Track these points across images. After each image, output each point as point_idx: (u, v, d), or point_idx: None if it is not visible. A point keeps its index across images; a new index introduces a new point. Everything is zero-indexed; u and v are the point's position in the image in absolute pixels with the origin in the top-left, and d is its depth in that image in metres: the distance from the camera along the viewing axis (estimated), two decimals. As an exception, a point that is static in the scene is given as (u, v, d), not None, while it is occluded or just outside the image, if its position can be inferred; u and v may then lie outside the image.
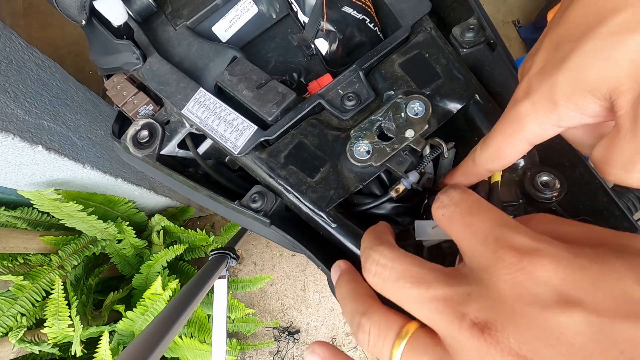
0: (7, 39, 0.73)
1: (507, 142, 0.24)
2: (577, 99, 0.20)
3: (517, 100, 0.23)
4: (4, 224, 0.94)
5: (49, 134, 0.80)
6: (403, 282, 0.19)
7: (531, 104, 0.22)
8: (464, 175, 0.29)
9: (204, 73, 0.40)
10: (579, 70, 0.19)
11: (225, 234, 1.36)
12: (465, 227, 0.20)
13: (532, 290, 0.15)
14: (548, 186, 0.31)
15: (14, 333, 0.84)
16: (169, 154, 0.41)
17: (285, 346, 1.42)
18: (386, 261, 0.20)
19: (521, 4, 1.60)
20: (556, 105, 0.21)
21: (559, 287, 0.15)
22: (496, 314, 0.16)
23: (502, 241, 0.17)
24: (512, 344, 0.15)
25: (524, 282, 0.16)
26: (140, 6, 0.40)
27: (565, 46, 0.20)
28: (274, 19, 0.46)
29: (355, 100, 0.36)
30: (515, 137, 0.23)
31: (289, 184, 0.35)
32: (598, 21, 0.18)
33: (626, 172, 0.20)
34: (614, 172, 0.20)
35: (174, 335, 0.51)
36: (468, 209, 0.20)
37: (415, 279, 0.19)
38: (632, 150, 0.19)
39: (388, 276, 0.20)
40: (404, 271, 0.19)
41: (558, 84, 0.20)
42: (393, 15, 0.39)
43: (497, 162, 0.25)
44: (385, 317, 0.20)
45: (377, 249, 0.21)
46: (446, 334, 0.17)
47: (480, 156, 0.26)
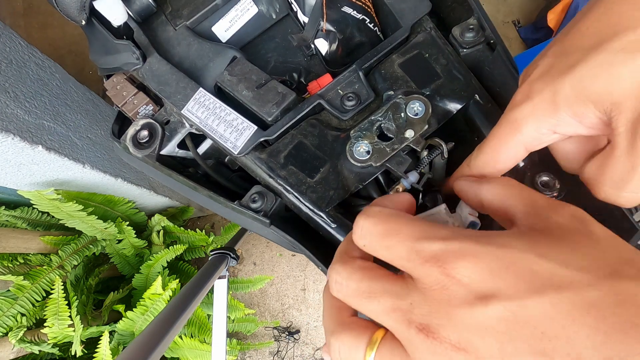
0: (7, 39, 0.73)
1: (503, 146, 0.24)
2: (578, 107, 0.20)
3: (515, 104, 0.23)
4: (4, 223, 0.94)
5: (49, 134, 0.80)
6: (359, 298, 0.20)
7: (531, 106, 0.22)
8: None
9: (204, 73, 0.40)
10: (585, 79, 0.20)
11: (225, 234, 1.36)
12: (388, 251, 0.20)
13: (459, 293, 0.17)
14: (548, 186, 0.31)
15: (14, 333, 0.84)
16: (168, 154, 0.41)
17: (285, 346, 1.42)
18: (341, 279, 0.21)
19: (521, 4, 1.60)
20: (557, 108, 0.21)
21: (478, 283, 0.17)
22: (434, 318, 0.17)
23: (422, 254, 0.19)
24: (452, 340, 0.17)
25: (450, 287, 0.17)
26: (140, 6, 0.40)
27: (574, 54, 0.20)
28: (273, 19, 0.46)
29: (355, 101, 0.36)
30: (512, 140, 0.23)
31: (288, 184, 0.35)
32: (611, 35, 0.19)
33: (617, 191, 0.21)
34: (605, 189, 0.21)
35: (174, 335, 0.51)
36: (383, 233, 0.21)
37: (367, 294, 0.20)
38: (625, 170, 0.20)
39: (346, 293, 0.21)
40: (356, 288, 0.20)
41: (562, 88, 0.20)
42: (393, 15, 0.39)
43: (491, 167, 0.25)
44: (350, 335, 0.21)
45: (334, 267, 0.22)
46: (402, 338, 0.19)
47: (476, 161, 0.26)
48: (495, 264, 0.17)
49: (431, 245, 0.19)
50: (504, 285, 0.16)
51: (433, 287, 0.18)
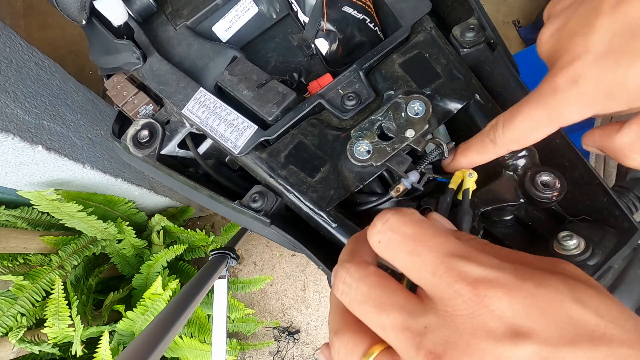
0: (7, 39, 0.73)
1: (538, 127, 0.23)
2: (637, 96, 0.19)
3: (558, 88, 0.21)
4: (4, 223, 0.94)
5: (49, 134, 0.80)
6: (366, 306, 0.19)
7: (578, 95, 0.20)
8: (480, 154, 0.28)
9: (204, 73, 0.40)
10: None
11: (225, 234, 1.36)
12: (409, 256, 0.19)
13: (488, 324, 0.16)
14: (548, 186, 0.31)
15: (14, 333, 0.84)
16: (169, 154, 0.41)
17: (285, 346, 1.42)
18: (352, 281, 0.19)
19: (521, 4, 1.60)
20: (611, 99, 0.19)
21: (511, 319, 0.15)
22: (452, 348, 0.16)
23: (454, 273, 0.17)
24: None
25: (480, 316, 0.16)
26: (141, 6, 0.40)
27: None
28: (274, 19, 0.46)
29: (356, 100, 0.36)
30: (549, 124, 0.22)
31: (289, 184, 0.35)
32: None
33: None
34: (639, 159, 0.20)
35: (174, 335, 0.51)
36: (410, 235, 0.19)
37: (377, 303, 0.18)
38: None
39: (353, 297, 0.19)
40: (367, 294, 0.19)
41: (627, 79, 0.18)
42: (393, 15, 0.39)
43: (521, 145, 0.24)
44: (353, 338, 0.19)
45: (345, 266, 0.20)
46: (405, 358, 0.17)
47: (503, 137, 0.25)
48: (531, 302, 0.16)
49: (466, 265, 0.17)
50: (539, 327, 0.15)
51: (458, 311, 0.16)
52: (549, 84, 0.22)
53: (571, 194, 0.32)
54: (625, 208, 0.32)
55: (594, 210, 0.33)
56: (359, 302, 0.19)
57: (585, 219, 0.33)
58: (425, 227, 0.19)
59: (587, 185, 0.33)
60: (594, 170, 0.33)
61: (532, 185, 0.31)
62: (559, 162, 0.34)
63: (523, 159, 0.32)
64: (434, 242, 0.18)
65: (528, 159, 0.32)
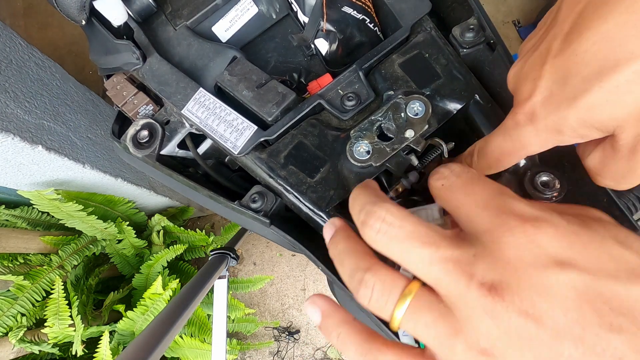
0: (7, 39, 0.73)
1: (506, 156, 0.26)
2: (583, 132, 0.21)
3: (519, 124, 0.24)
4: (4, 223, 0.94)
5: (49, 134, 0.80)
6: (412, 242, 0.19)
7: (535, 131, 0.23)
8: None
9: (204, 73, 0.40)
10: (590, 110, 0.20)
11: (225, 234, 1.36)
12: (465, 195, 0.20)
13: (533, 252, 0.17)
14: (548, 186, 0.31)
15: (14, 333, 0.84)
16: (169, 154, 0.41)
17: (285, 346, 1.42)
18: (393, 219, 0.20)
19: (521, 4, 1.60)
20: (561, 134, 0.22)
21: (556, 250, 0.17)
22: (501, 275, 0.17)
23: (504, 207, 0.19)
24: (516, 301, 0.16)
25: (526, 245, 0.17)
26: (140, 6, 0.40)
27: (575, 83, 0.21)
28: (274, 19, 0.46)
29: (355, 101, 0.36)
30: (516, 154, 0.25)
31: (288, 184, 0.35)
32: (613, 66, 0.19)
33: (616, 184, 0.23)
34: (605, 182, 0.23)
35: (174, 335, 0.51)
36: (469, 180, 0.21)
37: (424, 239, 0.19)
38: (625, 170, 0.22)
39: (395, 235, 0.19)
40: (412, 231, 0.19)
41: (567, 119, 0.21)
42: (393, 15, 0.39)
43: (494, 171, 0.27)
44: (390, 275, 0.20)
45: (383, 205, 0.20)
46: (453, 293, 0.18)
47: (478, 164, 0.28)
48: (576, 239, 0.17)
49: (515, 203, 0.19)
50: (583, 260, 0.17)
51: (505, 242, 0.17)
52: (512, 119, 0.24)
53: (571, 194, 0.32)
54: (625, 208, 0.32)
55: (594, 210, 0.33)
56: (403, 239, 0.19)
57: (585, 219, 0.33)
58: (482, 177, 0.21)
59: (587, 186, 0.33)
60: (593, 171, 0.33)
61: (532, 186, 0.31)
62: (559, 162, 0.34)
63: (523, 160, 0.32)
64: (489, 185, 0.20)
65: (528, 159, 0.32)
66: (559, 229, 0.17)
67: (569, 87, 0.21)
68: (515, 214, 0.18)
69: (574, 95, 0.21)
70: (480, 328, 0.17)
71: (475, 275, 0.17)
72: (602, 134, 0.21)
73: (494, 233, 0.18)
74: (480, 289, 0.17)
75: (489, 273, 0.17)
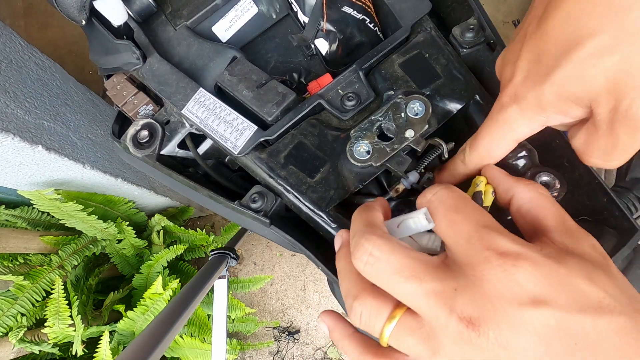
0: (7, 39, 0.73)
1: (496, 143, 0.26)
2: (562, 106, 0.22)
3: (504, 105, 0.25)
4: (4, 223, 0.94)
5: (49, 134, 0.80)
6: (397, 277, 0.20)
7: (519, 109, 0.24)
8: (452, 175, 0.30)
9: (204, 73, 0.40)
10: (563, 84, 0.22)
11: (225, 234, 1.36)
12: (450, 223, 0.21)
13: (512, 290, 0.18)
14: (548, 186, 0.31)
15: (14, 333, 0.84)
16: (169, 154, 0.41)
17: (285, 346, 1.42)
18: (380, 253, 0.21)
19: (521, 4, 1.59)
20: (544, 110, 0.23)
21: (533, 288, 0.18)
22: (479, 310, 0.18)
23: (486, 242, 0.19)
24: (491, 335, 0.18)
25: (506, 282, 0.18)
26: (140, 6, 0.40)
27: (547, 61, 0.22)
28: (274, 19, 0.46)
29: (355, 101, 0.36)
30: (505, 138, 0.26)
31: (289, 184, 0.35)
32: (576, 43, 0.20)
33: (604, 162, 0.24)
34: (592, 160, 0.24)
35: (174, 335, 0.51)
36: (453, 206, 0.22)
37: (409, 273, 0.20)
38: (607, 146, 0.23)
39: (382, 269, 0.21)
40: (398, 266, 0.20)
41: (544, 94, 0.22)
42: (393, 15, 0.39)
43: (486, 162, 0.28)
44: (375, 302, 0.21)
45: (370, 238, 0.21)
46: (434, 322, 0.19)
47: (471, 157, 0.28)
48: (552, 276, 0.18)
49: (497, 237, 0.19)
50: (556, 297, 0.18)
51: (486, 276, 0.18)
52: (498, 103, 0.26)
53: (571, 194, 0.32)
54: (625, 208, 0.32)
55: (594, 210, 0.33)
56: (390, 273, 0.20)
57: (585, 219, 0.33)
58: (467, 202, 0.22)
59: (586, 186, 0.33)
60: (593, 171, 0.33)
61: (532, 186, 0.31)
62: (559, 162, 0.34)
63: (523, 160, 0.32)
64: (472, 214, 0.21)
65: (528, 159, 0.32)
66: (537, 266, 0.18)
67: (542, 64, 0.22)
68: (497, 251, 0.19)
69: (547, 71, 0.22)
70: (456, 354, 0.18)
71: (455, 309, 0.18)
72: (581, 108, 0.22)
73: (476, 268, 0.19)
74: (459, 322, 0.18)
75: (468, 307, 0.18)
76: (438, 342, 0.19)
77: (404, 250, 0.21)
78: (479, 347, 0.18)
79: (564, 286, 0.18)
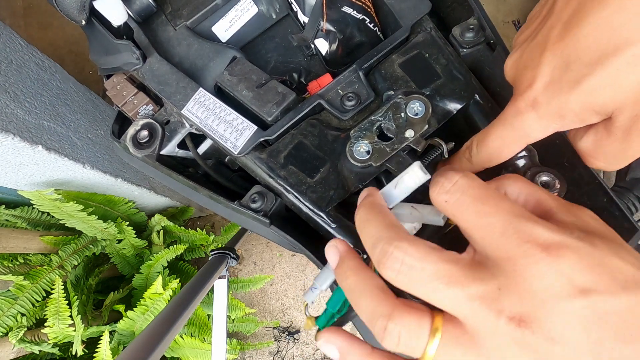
0: (7, 39, 0.73)
1: (507, 145, 0.26)
2: (584, 116, 0.22)
3: (520, 111, 0.24)
4: (4, 223, 0.94)
5: (49, 134, 0.80)
6: (435, 284, 0.19)
7: (537, 117, 0.23)
8: None
9: (204, 73, 0.40)
10: (591, 94, 0.21)
11: (225, 234, 1.36)
12: (477, 216, 0.19)
13: (559, 282, 0.17)
14: (548, 186, 0.31)
15: (14, 333, 0.84)
16: (168, 154, 0.41)
17: (285, 346, 1.42)
18: (412, 260, 0.19)
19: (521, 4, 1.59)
20: (563, 119, 0.22)
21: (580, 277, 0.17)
22: (529, 307, 0.17)
23: (523, 234, 0.18)
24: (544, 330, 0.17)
25: (552, 275, 0.17)
26: (140, 6, 0.40)
27: (577, 68, 0.21)
28: (273, 19, 0.46)
29: (355, 101, 0.36)
30: (517, 142, 0.25)
31: (288, 184, 0.35)
32: (613, 50, 0.20)
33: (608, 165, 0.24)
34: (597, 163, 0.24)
35: (174, 334, 0.51)
36: (478, 197, 0.20)
37: (448, 279, 0.18)
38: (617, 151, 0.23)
39: (417, 277, 0.19)
40: (434, 272, 0.19)
41: (569, 103, 0.22)
42: (393, 15, 0.39)
43: (494, 162, 0.27)
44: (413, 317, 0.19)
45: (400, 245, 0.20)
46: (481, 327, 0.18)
47: (478, 156, 0.27)
48: (591, 261, 0.18)
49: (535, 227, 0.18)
50: (600, 281, 0.17)
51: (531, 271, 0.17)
52: (513, 107, 0.25)
53: (571, 194, 0.32)
54: (625, 208, 0.32)
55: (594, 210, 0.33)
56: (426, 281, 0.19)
57: (585, 219, 0.33)
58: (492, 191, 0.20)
59: (586, 186, 0.33)
60: (593, 171, 0.33)
61: (532, 186, 0.31)
62: (559, 162, 0.34)
63: (523, 160, 0.32)
64: (501, 204, 0.19)
65: (528, 159, 0.32)
66: (580, 254, 0.18)
67: (570, 72, 0.21)
68: (537, 242, 0.18)
69: (576, 79, 0.21)
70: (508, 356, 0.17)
71: (503, 311, 0.17)
72: (601, 117, 0.22)
73: (517, 263, 0.18)
74: (509, 323, 0.17)
75: (516, 306, 0.17)
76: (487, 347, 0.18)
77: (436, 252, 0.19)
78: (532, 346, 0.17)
79: (602, 268, 0.18)
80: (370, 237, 0.21)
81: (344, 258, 0.24)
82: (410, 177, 0.24)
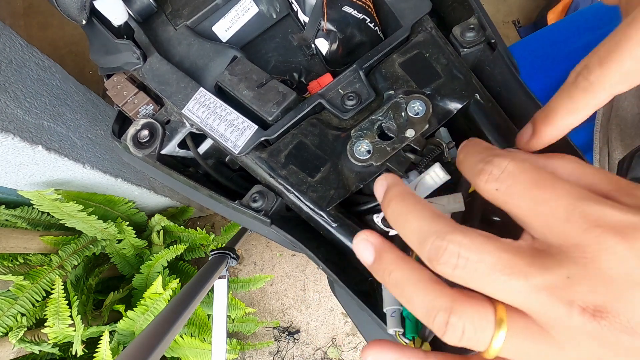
0: (7, 39, 0.73)
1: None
2: None
3: None
4: (4, 223, 0.94)
5: (49, 134, 0.80)
6: (498, 275, 0.17)
7: None
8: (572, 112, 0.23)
9: (204, 73, 0.40)
10: None
11: (225, 234, 1.36)
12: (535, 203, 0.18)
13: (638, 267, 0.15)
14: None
15: (14, 333, 0.84)
16: (169, 154, 0.41)
17: (285, 346, 1.42)
18: (470, 253, 0.17)
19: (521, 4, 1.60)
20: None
21: None
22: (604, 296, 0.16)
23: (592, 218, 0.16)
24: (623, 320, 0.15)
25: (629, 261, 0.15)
26: (141, 6, 0.40)
27: None
28: (274, 19, 0.46)
29: (356, 100, 0.36)
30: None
31: (289, 184, 0.35)
32: None
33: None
34: None
35: (174, 334, 0.51)
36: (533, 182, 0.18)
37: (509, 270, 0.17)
38: None
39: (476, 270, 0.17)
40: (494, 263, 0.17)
41: None
42: (393, 15, 0.39)
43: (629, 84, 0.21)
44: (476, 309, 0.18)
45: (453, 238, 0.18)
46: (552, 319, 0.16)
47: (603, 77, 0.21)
48: None
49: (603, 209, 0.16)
50: None
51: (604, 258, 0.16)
52: None
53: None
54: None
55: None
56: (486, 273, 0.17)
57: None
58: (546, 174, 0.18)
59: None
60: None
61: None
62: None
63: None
64: (561, 188, 0.17)
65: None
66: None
67: None
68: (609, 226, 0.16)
69: None
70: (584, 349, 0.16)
71: (575, 301, 0.16)
72: None
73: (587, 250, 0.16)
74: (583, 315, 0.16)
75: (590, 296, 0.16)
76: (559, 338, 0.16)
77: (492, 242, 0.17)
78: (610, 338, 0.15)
79: None
80: (414, 232, 0.19)
81: (381, 251, 0.21)
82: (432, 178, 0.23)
